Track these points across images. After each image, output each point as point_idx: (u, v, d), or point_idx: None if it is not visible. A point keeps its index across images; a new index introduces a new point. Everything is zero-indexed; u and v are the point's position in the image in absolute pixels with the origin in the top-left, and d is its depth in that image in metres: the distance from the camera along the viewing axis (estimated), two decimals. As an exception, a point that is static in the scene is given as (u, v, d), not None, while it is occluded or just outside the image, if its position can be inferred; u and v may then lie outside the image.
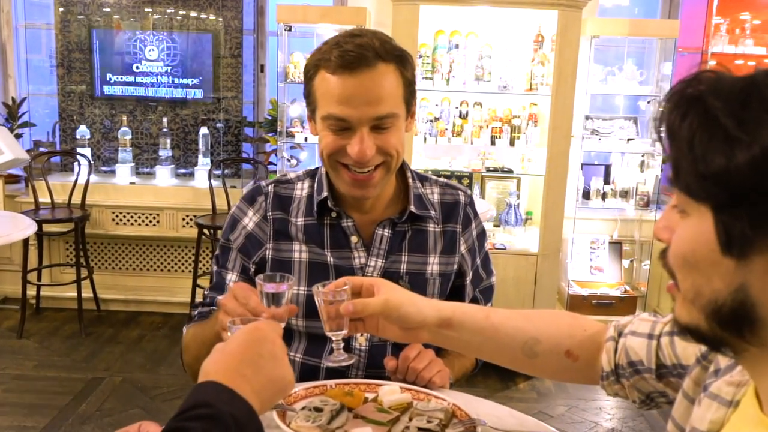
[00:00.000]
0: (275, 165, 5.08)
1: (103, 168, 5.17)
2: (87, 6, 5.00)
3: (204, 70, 5.05)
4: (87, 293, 4.82)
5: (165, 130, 5.03)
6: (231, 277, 1.65)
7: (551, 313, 1.36)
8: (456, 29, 4.49)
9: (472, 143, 4.52)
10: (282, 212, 1.65)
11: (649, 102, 4.92)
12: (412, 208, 1.64)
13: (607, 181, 4.98)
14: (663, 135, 0.85)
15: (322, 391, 1.41)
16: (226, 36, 5.01)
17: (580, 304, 4.78)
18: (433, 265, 1.67)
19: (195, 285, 4.62)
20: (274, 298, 1.29)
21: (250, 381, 0.95)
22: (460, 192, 1.75)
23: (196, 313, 1.69)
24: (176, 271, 5.07)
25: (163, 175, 5.00)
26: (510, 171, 4.50)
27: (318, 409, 1.30)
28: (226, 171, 4.99)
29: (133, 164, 5.07)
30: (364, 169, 1.52)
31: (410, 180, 1.68)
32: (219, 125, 5.12)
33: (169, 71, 5.04)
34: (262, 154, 5.23)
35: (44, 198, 4.75)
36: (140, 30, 5.03)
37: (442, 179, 1.77)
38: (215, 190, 4.72)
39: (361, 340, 1.63)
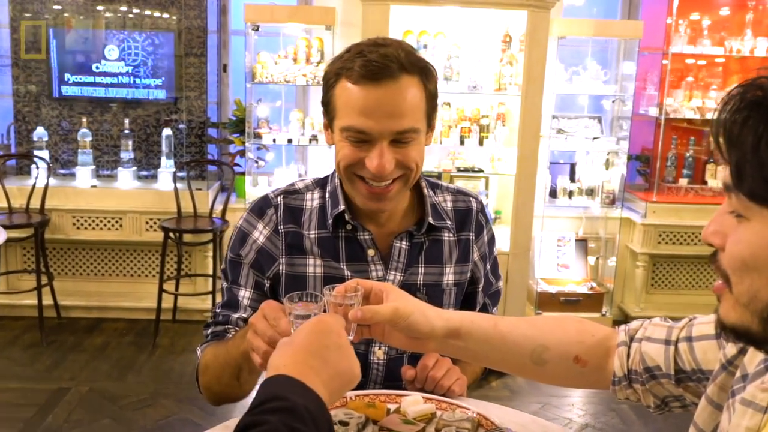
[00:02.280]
0: (241, 166, 5.00)
1: (62, 171, 5.01)
2: (44, 4, 4.84)
3: (166, 70, 4.94)
4: (47, 300, 4.68)
5: (126, 131, 4.90)
6: (244, 293, 1.60)
7: (558, 320, 1.36)
8: (424, 29, 4.48)
9: (441, 143, 4.52)
10: (294, 225, 1.60)
11: (613, 101, 4.99)
12: (431, 220, 1.61)
13: (572, 180, 5.04)
14: (720, 140, 0.85)
15: (343, 404, 1.38)
16: (189, 35, 4.91)
17: (548, 301, 4.83)
18: (449, 275, 1.65)
19: (161, 290, 4.52)
20: (303, 320, 1.25)
21: (318, 373, 0.96)
22: (472, 199, 1.73)
23: (209, 332, 1.62)
24: (141, 276, 4.95)
25: (125, 177, 4.88)
26: (481, 170, 4.52)
27: (343, 423, 1.28)
28: (190, 173, 4.90)
29: (94, 167, 4.93)
30: (381, 183, 1.47)
31: (425, 190, 1.65)
32: (181, 126, 5.02)
33: (130, 71, 4.92)
34: (227, 156, 5.15)
35: (0, 203, 4.59)
36: (100, 29, 4.89)
37: (453, 186, 1.75)
38: (180, 192, 4.62)
39: (378, 354, 1.59)
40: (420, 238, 1.62)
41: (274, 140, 4.58)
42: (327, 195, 1.62)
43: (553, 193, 4.96)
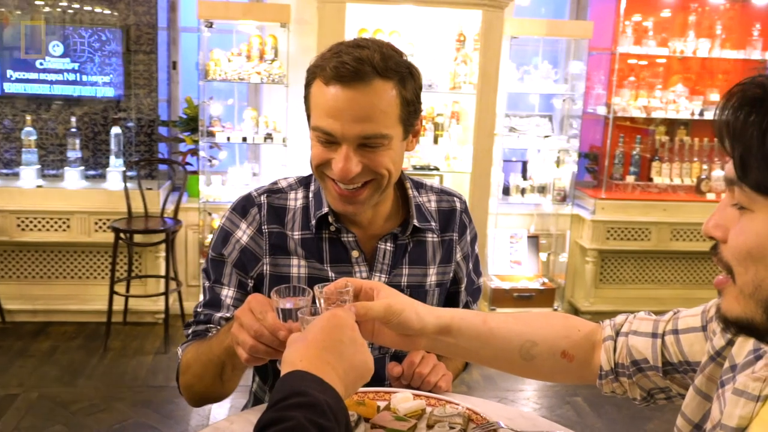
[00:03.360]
0: (192, 165, 4.92)
1: (5, 171, 4.84)
2: (-16, -2, 4.68)
3: (114, 67, 4.82)
4: (-9, 304, 4.52)
5: (73, 129, 4.76)
6: (227, 292, 1.57)
7: (545, 315, 1.38)
8: (379, 27, 4.48)
9: (396, 141, 4.52)
10: (278, 225, 1.58)
11: (564, 100, 5.09)
12: (415, 222, 1.60)
13: (524, 177, 5.12)
14: (724, 135, 0.88)
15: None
16: (138, 32, 4.80)
17: (501, 297, 4.90)
18: (432, 276, 1.65)
19: (112, 292, 4.41)
20: (291, 313, 1.24)
21: (335, 368, 0.96)
22: (456, 199, 1.73)
23: (190, 332, 1.59)
24: (89, 278, 4.82)
25: (72, 177, 4.74)
26: (436, 169, 4.55)
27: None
28: (140, 172, 4.79)
29: (39, 166, 4.77)
30: (350, 185, 1.45)
31: (410, 191, 1.63)
32: (130, 124, 4.90)
33: (76, 68, 4.78)
34: (177, 155, 5.06)
35: (-60, 204, 4.42)
36: (45, 24, 4.74)
37: (437, 185, 1.74)
38: (130, 192, 4.51)
39: None
40: (404, 239, 1.61)
41: (228, 139, 4.52)
42: (310, 195, 1.60)
43: (506, 191, 5.03)
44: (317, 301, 1.23)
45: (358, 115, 1.38)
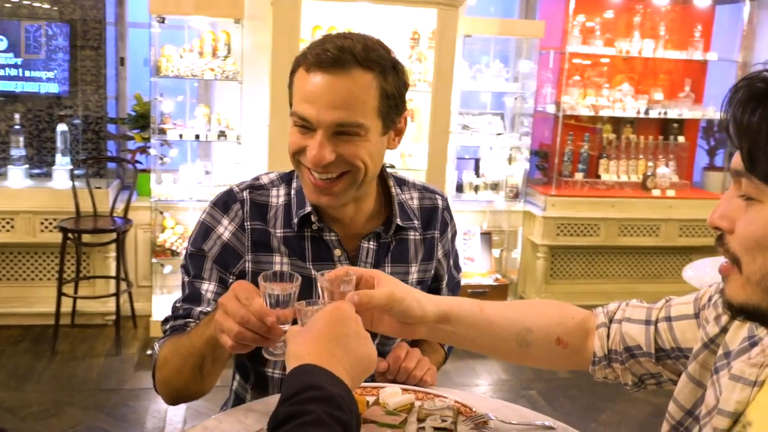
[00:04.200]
0: (142, 163, 4.82)
1: (-56, 169, 4.67)
2: None
3: (59, 63, 4.68)
4: (-69, 308, 4.34)
5: (17, 127, 4.61)
6: (208, 287, 1.54)
7: (540, 303, 1.40)
8: (333, 25, 4.47)
9: (351, 139, 4.52)
10: (261, 222, 1.56)
11: (515, 98, 5.16)
12: (398, 221, 1.60)
13: (477, 174, 5.17)
14: (731, 129, 0.91)
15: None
16: (85, 27, 4.67)
17: (455, 294, 4.93)
18: (414, 274, 1.65)
19: (60, 293, 4.29)
20: (279, 300, 1.22)
21: (341, 361, 0.97)
22: (437, 196, 1.73)
23: (168, 327, 1.55)
24: (35, 279, 4.67)
25: (16, 176, 4.59)
26: (392, 166, 4.55)
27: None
28: (88, 170, 4.67)
29: (-20, 165, 4.62)
30: (323, 175, 1.44)
31: (393, 189, 1.63)
32: (77, 121, 4.77)
33: (19, 63, 4.63)
34: (127, 152, 4.94)
35: None
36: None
37: (419, 183, 1.74)
38: (78, 191, 4.39)
39: None
40: (387, 238, 1.61)
41: (180, 136, 4.44)
42: (293, 192, 1.59)
43: (459, 188, 5.07)
44: (320, 291, 1.22)
45: (334, 101, 1.38)
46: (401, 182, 1.69)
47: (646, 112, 5.33)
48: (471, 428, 1.31)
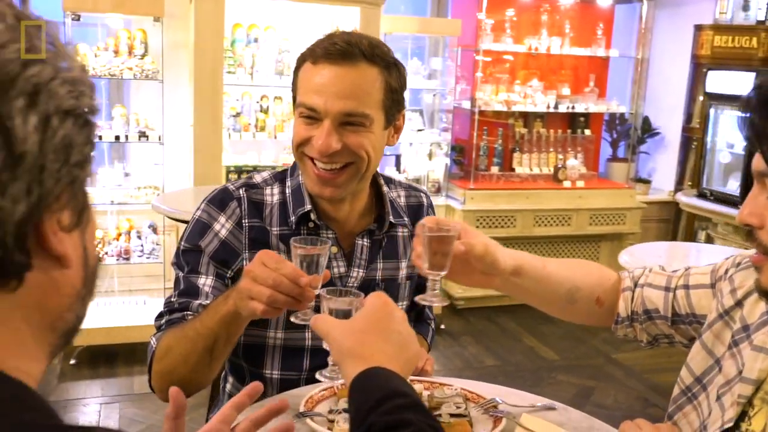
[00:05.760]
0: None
1: None
2: None
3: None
4: None
5: None
6: (205, 281, 1.53)
7: (585, 263, 1.52)
8: (254, 23, 4.43)
9: (276, 138, 4.50)
10: (258, 219, 1.58)
11: (434, 95, 5.26)
12: (391, 218, 1.65)
13: (399, 170, 5.25)
14: (750, 133, 1.01)
15: (332, 393, 1.38)
16: (-12, 24, 4.42)
17: (382, 289, 4.99)
18: (404, 269, 1.70)
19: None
20: (309, 265, 1.26)
21: (398, 360, 0.96)
22: (422, 194, 1.80)
23: (164, 321, 1.52)
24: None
25: None
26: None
27: (348, 411, 1.28)
28: None
29: None
30: (328, 165, 1.47)
31: (384, 187, 1.67)
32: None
33: None
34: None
35: None
36: None
37: (404, 181, 1.80)
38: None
39: None
40: (380, 235, 1.65)
41: (100, 137, 4.28)
42: (287, 191, 1.60)
43: (382, 184, 5.12)
44: (422, 234, 1.27)
45: (342, 91, 1.44)
46: (388, 180, 1.74)
47: (556, 107, 5.55)
48: (482, 413, 1.36)
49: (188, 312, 1.51)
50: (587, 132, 5.86)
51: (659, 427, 1.19)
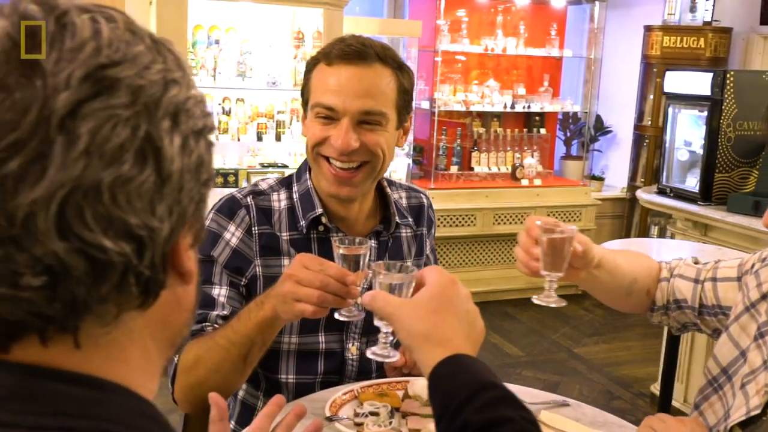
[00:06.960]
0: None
1: None
2: None
3: None
4: None
5: None
6: (220, 291, 1.52)
7: (641, 256, 1.57)
8: (215, 24, 4.39)
9: (239, 140, 4.47)
10: (268, 226, 1.57)
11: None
12: (397, 219, 1.67)
13: (361, 171, 5.25)
14: None
15: (354, 396, 1.39)
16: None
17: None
18: None
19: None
20: (351, 264, 1.28)
21: (471, 341, 0.91)
22: (422, 195, 1.82)
23: None
24: None
25: None
26: (285, 166, 4.54)
27: (374, 414, 1.29)
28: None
29: None
30: (345, 164, 1.49)
31: (387, 189, 1.69)
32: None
33: None
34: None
35: None
36: None
37: (404, 183, 1.82)
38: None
39: (352, 350, 1.62)
40: (386, 236, 1.67)
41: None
42: (295, 196, 1.61)
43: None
44: (539, 233, 1.28)
45: (359, 90, 1.46)
46: (390, 182, 1.76)
47: (512, 107, 5.64)
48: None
49: (207, 323, 1.49)
50: (542, 131, 5.96)
51: (683, 420, 1.23)
